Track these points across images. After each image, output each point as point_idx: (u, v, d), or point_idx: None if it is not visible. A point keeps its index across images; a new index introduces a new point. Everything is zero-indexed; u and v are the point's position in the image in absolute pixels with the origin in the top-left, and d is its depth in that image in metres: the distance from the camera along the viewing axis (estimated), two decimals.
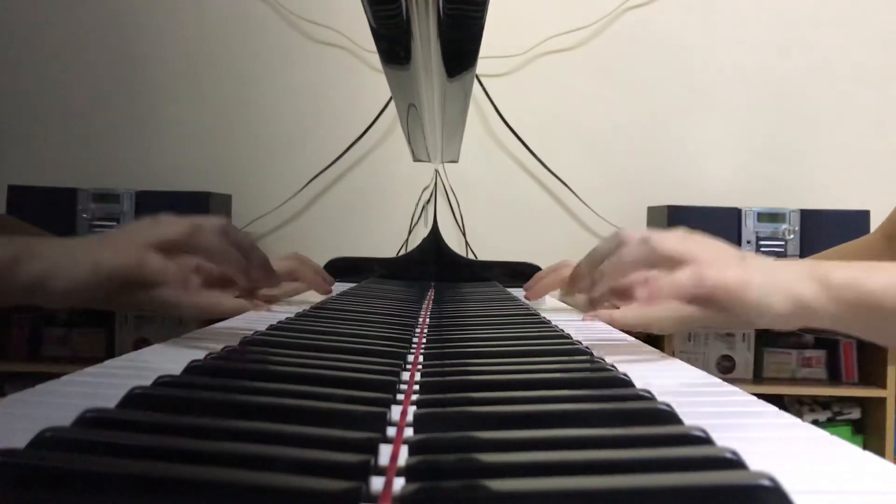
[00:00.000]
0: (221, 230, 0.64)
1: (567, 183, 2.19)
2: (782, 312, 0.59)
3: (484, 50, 0.62)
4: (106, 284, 0.58)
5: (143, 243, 0.60)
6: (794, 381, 2.02)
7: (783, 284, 0.59)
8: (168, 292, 0.60)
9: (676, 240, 0.61)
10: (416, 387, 0.45)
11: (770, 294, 0.58)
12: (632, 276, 0.62)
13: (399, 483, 0.28)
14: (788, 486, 0.25)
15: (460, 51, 0.63)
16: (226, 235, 0.63)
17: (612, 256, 0.61)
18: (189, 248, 0.61)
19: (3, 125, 2.23)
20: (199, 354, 0.48)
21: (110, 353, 1.97)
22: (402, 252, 2.09)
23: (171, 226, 0.62)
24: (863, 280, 0.59)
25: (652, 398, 0.39)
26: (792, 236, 1.93)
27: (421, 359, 0.55)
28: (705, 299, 0.58)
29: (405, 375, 0.49)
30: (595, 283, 0.61)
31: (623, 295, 0.68)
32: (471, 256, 2.13)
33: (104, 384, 0.44)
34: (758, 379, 2.02)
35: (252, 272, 0.61)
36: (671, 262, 0.60)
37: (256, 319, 0.77)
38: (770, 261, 0.63)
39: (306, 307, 0.88)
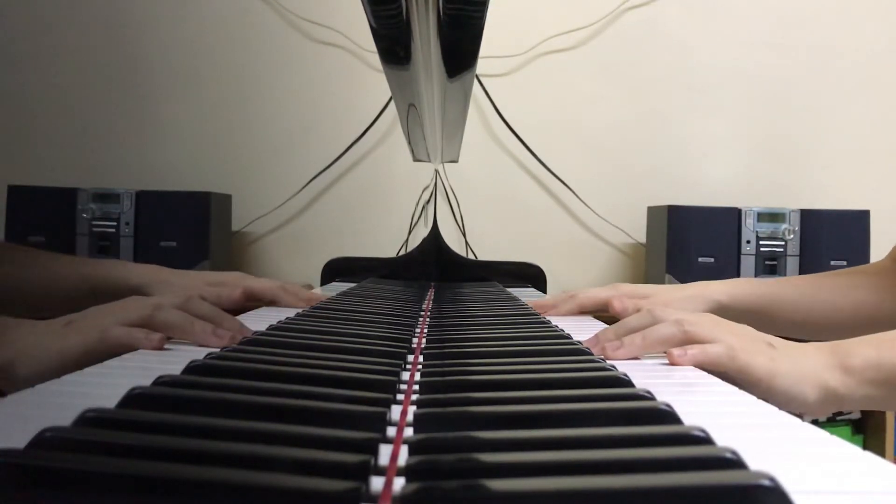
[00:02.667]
0: (183, 305, 0.64)
1: (567, 183, 2.19)
2: (812, 401, 0.59)
3: (484, 50, 0.62)
4: (72, 367, 0.58)
5: (108, 323, 0.61)
6: None
7: (810, 374, 0.59)
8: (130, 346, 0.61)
9: (709, 326, 0.62)
10: (416, 387, 0.45)
11: (798, 383, 0.59)
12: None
13: (399, 483, 0.28)
14: (788, 486, 0.25)
15: (460, 51, 0.63)
16: (189, 310, 0.64)
17: (645, 331, 0.62)
18: (151, 328, 0.62)
19: (3, 125, 2.23)
20: (199, 354, 0.48)
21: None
22: (402, 252, 2.09)
23: (133, 309, 0.63)
24: (886, 358, 0.59)
25: (652, 398, 0.39)
26: (792, 236, 1.93)
27: (421, 359, 0.55)
28: (733, 377, 0.59)
29: (405, 375, 0.49)
30: (623, 347, 0.62)
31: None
32: (471, 256, 2.13)
33: (104, 384, 0.45)
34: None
35: (218, 336, 0.61)
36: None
37: (257, 319, 0.77)
38: (796, 348, 0.63)
39: (306, 307, 0.88)
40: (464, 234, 2.18)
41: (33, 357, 0.60)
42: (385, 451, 0.32)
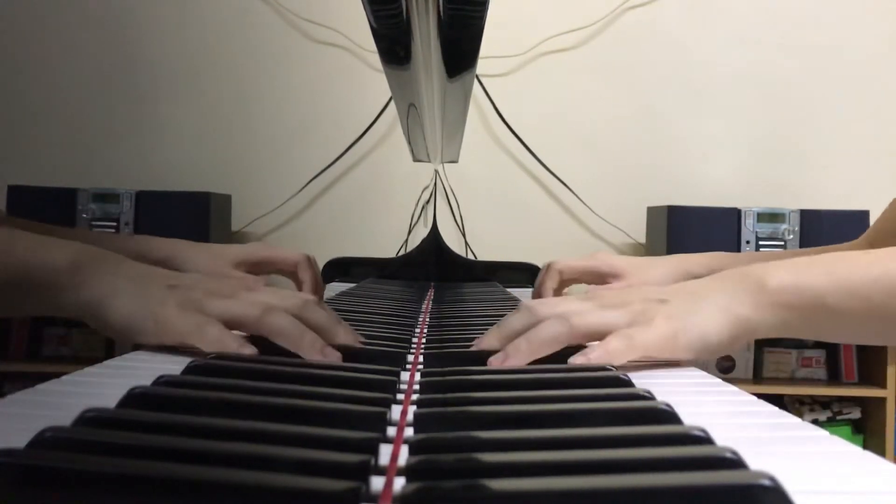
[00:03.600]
0: (299, 311, 0.57)
1: (567, 183, 2.19)
2: (722, 340, 0.56)
3: (484, 50, 0.62)
4: (158, 338, 0.56)
5: (211, 315, 0.56)
6: (793, 381, 2.02)
7: (715, 312, 0.56)
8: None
9: (594, 314, 0.56)
10: (416, 387, 0.45)
11: (703, 330, 0.56)
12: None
13: (399, 483, 0.28)
14: (788, 485, 0.25)
15: (460, 51, 0.63)
16: (304, 317, 0.57)
17: (529, 333, 0.55)
18: (258, 332, 0.56)
19: (3, 125, 2.23)
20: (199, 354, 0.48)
21: (110, 353, 1.97)
22: (402, 252, 2.09)
23: (244, 305, 0.57)
24: (801, 280, 0.56)
25: (652, 398, 0.39)
26: (792, 236, 1.93)
27: (421, 359, 0.55)
28: (640, 358, 0.55)
29: (405, 375, 0.49)
30: (508, 357, 0.54)
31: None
32: (471, 256, 2.13)
33: (104, 384, 0.44)
34: (758, 379, 2.02)
35: (325, 356, 0.54)
36: (592, 338, 0.56)
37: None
38: (695, 287, 0.59)
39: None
40: (464, 234, 2.18)
41: (130, 309, 0.56)
42: (385, 451, 0.32)
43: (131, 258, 0.67)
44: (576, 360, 0.53)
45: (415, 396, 0.41)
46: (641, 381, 0.46)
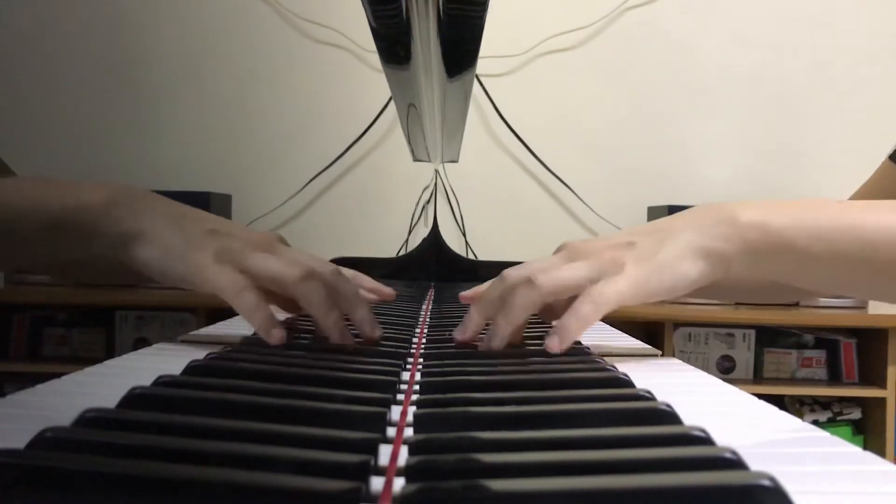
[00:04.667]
0: (334, 282, 0.57)
1: (567, 183, 2.19)
2: (697, 275, 0.55)
3: (484, 50, 0.62)
4: (190, 284, 0.54)
5: (249, 270, 0.55)
6: (794, 381, 2.02)
7: (686, 246, 0.55)
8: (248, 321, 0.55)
9: (558, 271, 0.56)
10: (416, 387, 0.45)
11: (675, 268, 0.55)
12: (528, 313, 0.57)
13: (399, 483, 0.28)
14: (789, 486, 0.25)
15: (460, 51, 0.63)
16: (337, 288, 0.57)
17: (503, 309, 0.55)
18: (291, 294, 0.55)
19: (3, 125, 2.23)
20: (199, 354, 0.48)
21: (110, 353, 1.97)
22: (402, 252, 2.09)
23: (284, 265, 0.56)
24: (772, 218, 0.55)
25: (652, 398, 0.39)
26: None
27: (421, 359, 0.55)
28: (613, 311, 0.55)
29: (405, 375, 0.49)
30: (493, 339, 0.55)
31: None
32: (471, 256, 2.13)
33: (104, 384, 0.44)
34: (758, 379, 2.02)
35: (344, 335, 0.55)
36: (564, 295, 0.56)
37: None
38: (663, 224, 0.59)
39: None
40: (464, 234, 2.18)
41: (163, 246, 0.54)
42: (385, 452, 0.32)
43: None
44: (550, 344, 0.53)
45: (415, 397, 0.41)
46: (642, 381, 0.46)
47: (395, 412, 0.38)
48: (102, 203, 0.55)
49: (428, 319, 0.82)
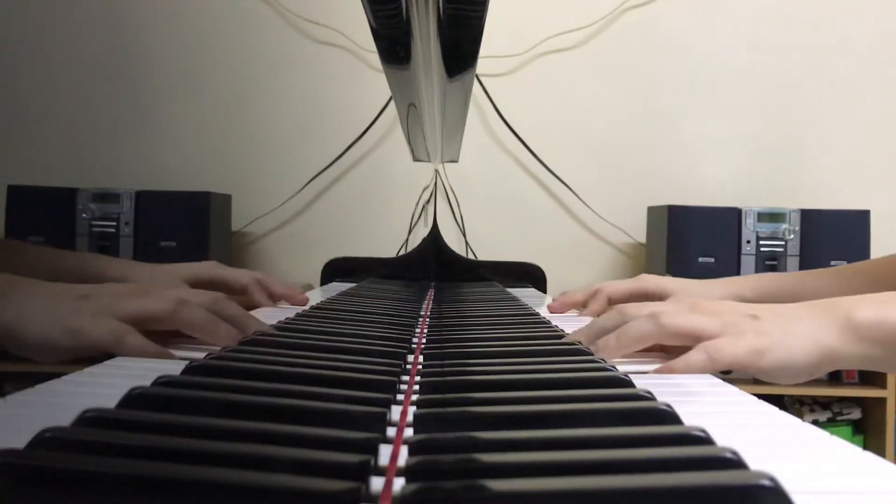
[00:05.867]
0: (211, 305, 0.60)
1: (567, 183, 2.19)
2: (807, 366, 0.57)
3: (484, 50, 0.62)
4: (78, 350, 0.56)
5: (126, 317, 0.57)
6: None
7: (803, 337, 0.57)
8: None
9: (684, 316, 0.58)
10: (416, 387, 0.45)
11: (790, 351, 0.57)
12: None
13: (399, 483, 0.28)
14: (788, 486, 0.25)
15: (460, 51, 0.63)
16: (217, 310, 0.60)
17: (619, 331, 0.59)
18: (173, 326, 0.58)
19: (3, 125, 2.23)
20: (199, 355, 0.48)
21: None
22: (402, 252, 2.09)
23: (156, 301, 0.59)
24: (888, 316, 0.57)
25: (652, 398, 0.39)
26: (792, 236, 1.93)
27: (421, 359, 0.55)
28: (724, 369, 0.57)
29: (405, 376, 0.49)
30: (599, 351, 0.58)
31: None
32: (471, 256, 2.13)
33: (104, 384, 0.44)
34: (758, 379, 2.02)
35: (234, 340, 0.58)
36: (680, 339, 0.58)
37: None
38: (787, 311, 0.61)
39: (306, 307, 0.88)
40: (464, 234, 2.18)
41: (44, 325, 0.56)
42: (385, 452, 0.32)
43: (86, 277, 0.66)
44: (661, 369, 0.56)
45: (415, 397, 0.41)
46: (641, 381, 0.46)
47: (395, 412, 0.38)
48: None
49: (428, 319, 0.82)
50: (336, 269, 1.49)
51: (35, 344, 0.56)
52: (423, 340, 0.65)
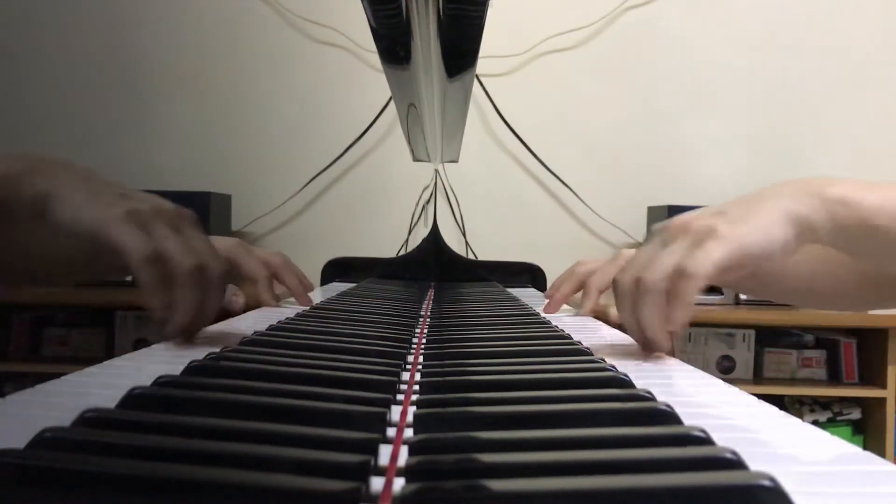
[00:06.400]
0: (221, 276, 0.60)
1: (567, 183, 2.19)
2: (788, 238, 0.57)
3: (484, 50, 0.62)
4: (95, 239, 0.56)
5: (154, 241, 0.56)
6: (794, 381, 2.02)
7: (776, 210, 0.58)
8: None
9: (661, 263, 0.58)
10: (416, 387, 0.45)
11: (767, 227, 0.57)
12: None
13: (399, 483, 0.28)
14: (788, 486, 0.25)
15: (460, 51, 0.63)
16: (212, 287, 0.59)
17: (646, 330, 0.59)
18: (176, 279, 0.58)
19: (3, 125, 2.23)
20: (199, 354, 0.48)
21: (110, 353, 1.97)
22: (402, 252, 2.09)
23: (184, 252, 0.57)
24: (858, 196, 0.58)
25: (652, 398, 0.39)
26: None
27: (421, 359, 0.55)
28: (716, 279, 0.57)
29: (405, 376, 0.49)
30: (653, 352, 0.59)
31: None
32: (471, 256, 2.13)
33: (104, 384, 0.44)
34: (758, 379, 2.02)
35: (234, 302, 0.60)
36: (675, 280, 0.58)
37: (257, 319, 0.77)
38: (753, 196, 0.61)
39: (306, 308, 0.88)
40: (464, 234, 2.18)
41: (75, 203, 0.56)
42: (385, 452, 0.32)
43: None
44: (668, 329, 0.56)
45: (415, 397, 0.41)
46: (641, 381, 0.46)
47: (395, 412, 0.38)
48: (18, 172, 0.57)
49: (428, 319, 0.82)
50: (336, 269, 1.49)
51: (64, 221, 0.56)
52: (423, 340, 0.65)
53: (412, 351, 0.59)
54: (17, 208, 0.57)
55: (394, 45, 0.62)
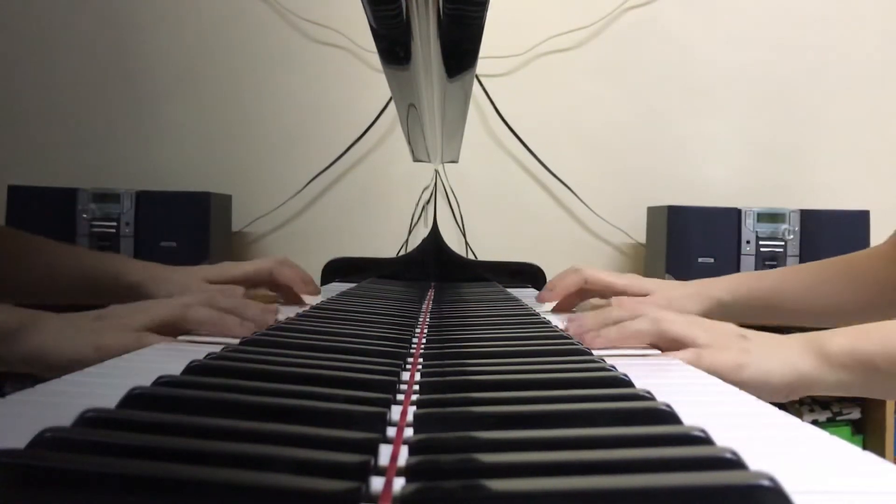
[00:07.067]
0: (209, 301, 0.67)
1: (567, 183, 2.19)
2: (781, 387, 0.64)
3: (484, 50, 0.62)
4: (100, 354, 0.62)
5: (141, 327, 0.64)
6: None
7: (781, 361, 0.64)
8: None
9: (683, 324, 0.66)
10: (416, 387, 0.45)
11: (768, 371, 0.64)
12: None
13: (399, 483, 0.28)
14: (788, 486, 0.25)
15: (460, 51, 0.63)
16: (215, 306, 0.67)
17: (622, 324, 0.66)
18: (185, 327, 0.65)
19: (3, 125, 2.23)
20: (199, 354, 0.48)
21: None
22: (402, 252, 2.09)
23: (163, 308, 0.66)
24: (857, 346, 0.64)
25: (652, 398, 0.39)
26: (792, 236, 1.93)
27: (421, 359, 0.55)
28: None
29: (405, 375, 0.49)
30: (600, 337, 0.66)
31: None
32: (471, 256, 2.13)
33: (104, 384, 0.44)
34: None
35: (245, 327, 0.65)
36: (673, 345, 0.65)
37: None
38: (771, 338, 0.68)
39: (306, 307, 0.88)
40: (464, 234, 2.18)
41: (68, 348, 0.62)
42: (385, 452, 0.32)
43: (101, 278, 0.81)
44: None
45: (415, 397, 0.41)
46: (641, 381, 0.46)
47: (395, 412, 0.38)
48: (12, 329, 0.63)
49: (428, 319, 0.82)
50: (336, 269, 1.48)
51: (66, 363, 0.62)
52: (423, 340, 0.65)
53: (412, 351, 0.59)
54: (14, 363, 0.64)
55: (394, 45, 0.62)
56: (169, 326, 0.65)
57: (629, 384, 0.44)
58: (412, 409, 0.37)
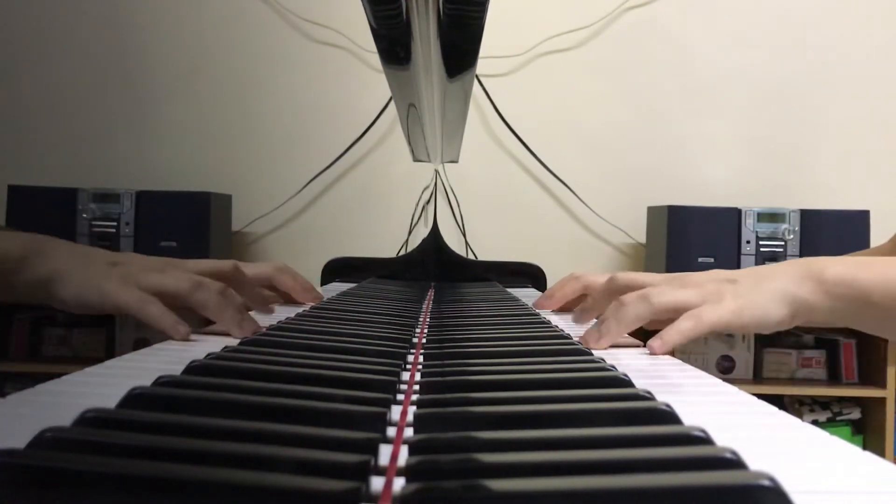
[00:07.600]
0: (221, 290, 0.67)
1: (567, 183, 2.19)
2: (782, 317, 0.64)
3: (484, 50, 0.62)
4: (103, 309, 0.63)
5: (148, 288, 0.63)
6: (793, 381, 2.02)
7: (778, 291, 0.64)
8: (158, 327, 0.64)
9: (671, 292, 0.65)
10: (416, 387, 0.45)
11: (765, 307, 0.63)
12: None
13: (399, 483, 0.28)
14: (788, 486, 0.25)
15: (460, 51, 0.62)
16: (226, 297, 0.67)
17: (617, 314, 0.65)
18: (188, 303, 0.65)
19: (3, 125, 2.23)
20: (199, 354, 0.48)
21: (110, 353, 1.97)
22: (402, 252, 2.09)
23: (177, 280, 0.65)
24: (855, 275, 0.63)
25: (652, 398, 0.39)
26: (792, 236, 1.93)
27: (421, 359, 0.55)
28: (708, 333, 0.63)
29: (405, 375, 0.49)
30: (602, 336, 0.66)
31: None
32: (471, 256, 2.13)
33: (104, 384, 0.44)
34: (758, 379, 2.02)
35: (242, 329, 0.65)
36: (669, 314, 0.65)
37: (257, 319, 0.77)
38: (763, 271, 0.67)
39: (306, 307, 0.88)
40: (464, 234, 2.18)
41: (76, 283, 0.62)
42: (385, 451, 0.32)
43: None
44: (653, 345, 0.63)
45: (415, 397, 0.41)
46: (641, 381, 0.46)
47: (395, 412, 0.38)
48: (19, 252, 0.63)
49: (428, 319, 0.81)
50: (336, 269, 1.48)
51: (70, 299, 0.63)
52: (424, 340, 0.65)
53: (412, 351, 0.59)
54: (22, 288, 0.64)
55: (394, 45, 0.62)
56: (173, 298, 0.64)
57: (629, 384, 0.44)
58: (412, 409, 0.37)
